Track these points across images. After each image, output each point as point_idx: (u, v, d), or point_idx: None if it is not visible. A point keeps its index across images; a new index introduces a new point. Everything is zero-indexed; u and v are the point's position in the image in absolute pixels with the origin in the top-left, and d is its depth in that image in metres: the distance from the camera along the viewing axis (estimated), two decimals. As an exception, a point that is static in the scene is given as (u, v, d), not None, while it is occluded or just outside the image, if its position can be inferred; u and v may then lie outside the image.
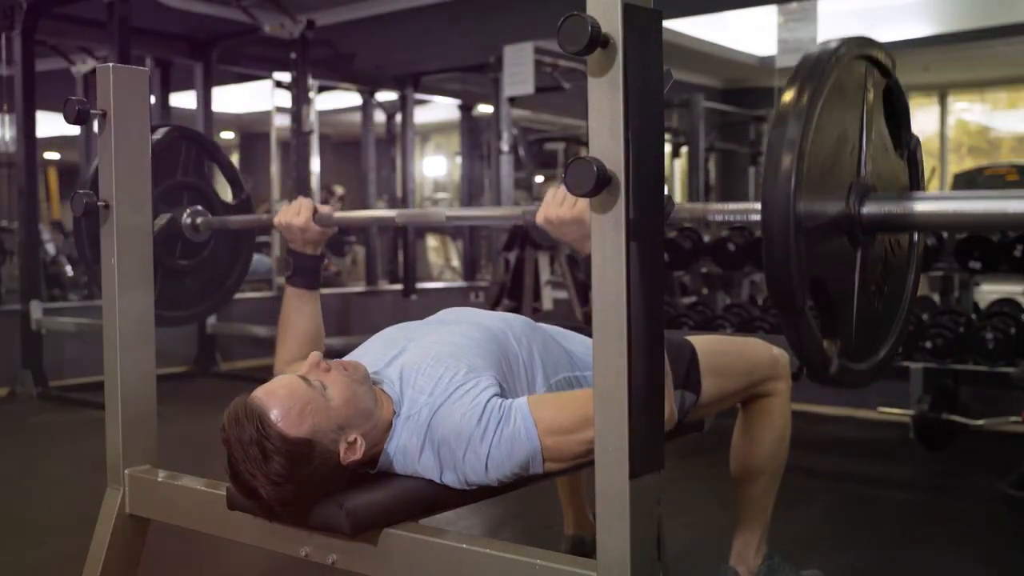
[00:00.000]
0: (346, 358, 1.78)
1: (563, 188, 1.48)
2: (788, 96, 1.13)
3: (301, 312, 1.98)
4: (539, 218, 1.52)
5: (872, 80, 1.25)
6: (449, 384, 1.58)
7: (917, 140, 1.36)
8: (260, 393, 1.52)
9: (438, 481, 1.59)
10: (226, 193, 2.35)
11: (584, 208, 1.38)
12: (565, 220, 1.48)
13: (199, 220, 2.11)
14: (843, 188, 1.20)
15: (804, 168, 1.11)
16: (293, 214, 1.92)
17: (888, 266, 1.32)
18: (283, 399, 1.50)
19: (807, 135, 1.11)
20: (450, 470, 1.56)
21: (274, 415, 1.48)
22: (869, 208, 1.21)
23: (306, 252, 1.96)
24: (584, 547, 2.37)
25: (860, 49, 1.21)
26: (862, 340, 1.27)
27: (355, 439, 1.53)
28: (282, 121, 7.42)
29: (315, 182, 7.27)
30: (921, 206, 1.19)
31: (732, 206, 1.37)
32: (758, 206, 1.20)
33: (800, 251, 1.11)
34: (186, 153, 2.12)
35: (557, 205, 1.49)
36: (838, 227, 1.20)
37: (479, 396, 1.56)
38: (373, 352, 1.75)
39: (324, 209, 1.90)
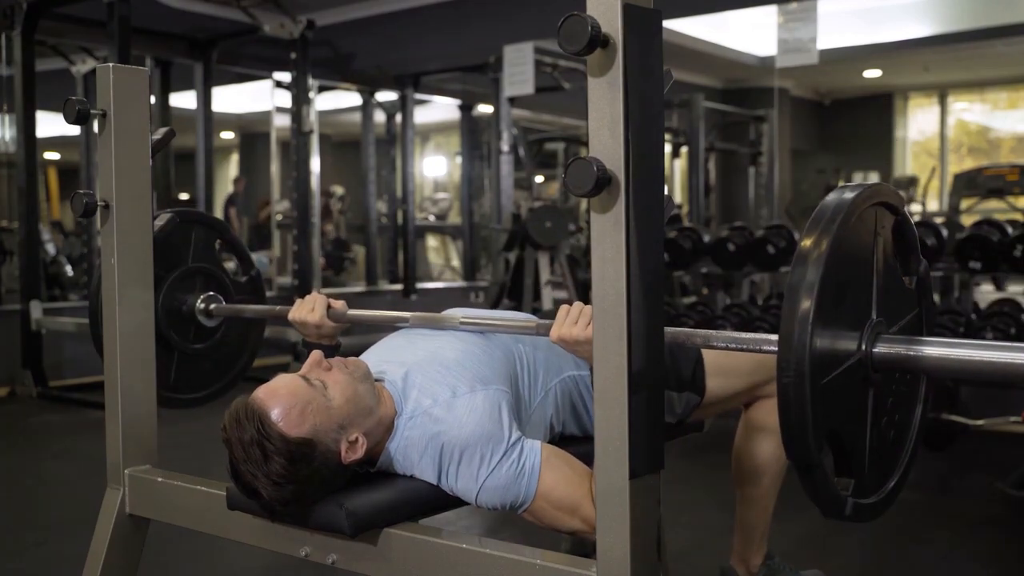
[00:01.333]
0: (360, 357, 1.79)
1: (577, 305, 1.51)
2: (807, 242, 1.19)
3: None
4: (552, 337, 1.52)
5: (883, 222, 1.31)
6: (456, 394, 1.58)
7: (926, 265, 1.41)
8: (261, 393, 1.52)
9: (435, 484, 1.59)
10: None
11: None
12: (579, 340, 1.49)
13: (212, 306, 2.14)
14: (856, 327, 1.25)
15: (822, 310, 1.17)
16: (307, 311, 1.91)
17: (897, 397, 1.36)
18: (284, 399, 1.49)
19: (824, 279, 1.17)
20: (445, 477, 1.57)
21: (275, 415, 1.48)
22: (881, 349, 1.26)
23: (321, 344, 1.96)
24: (584, 547, 2.36)
25: (873, 198, 1.27)
26: (873, 472, 1.32)
27: (356, 438, 1.53)
28: (282, 121, 7.42)
29: (315, 182, 7.27)
30: (930, 351, 1.24)
31: (746, 336, 1.39)
32: (773, 337, 1.27)
33: (816, 410, 1.16)
34: (195, 236, 2.15)
35: (571, 324, 1.50)
36: (851, 369, 1.24)
37: (494, 418, 1.56)
38: (378, 353, 1.75)
39: (337, 304, 1.90)
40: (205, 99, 6.80)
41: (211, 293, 2.16)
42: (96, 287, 2.00)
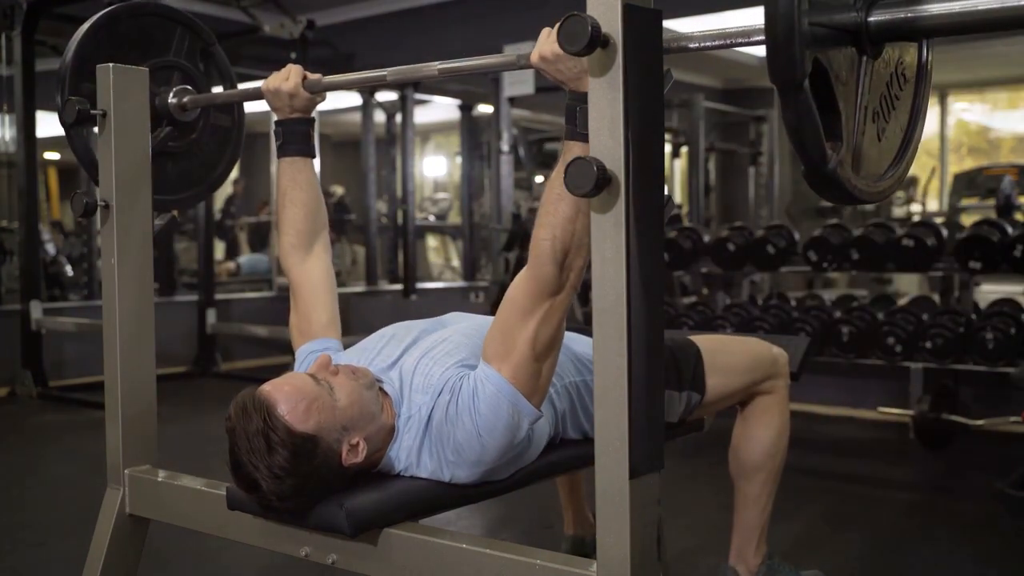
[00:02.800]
0: (347, 351, 1.79)
1: (556, 28, 1.44)
2: None
3: (297, 183, 1.94)
4: (534, 57, 1.47)
5: None
6: (440, 378, 1.59)
7: None
8: (268, 387, 1.53)
9: (444, 479, 1.59)
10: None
11: None
12: (560, 56, 1.40)
13: (186, 98, 2.07)
14: None
15: None
16: (282, 79, 1.90)
17: (893, 92, 1.29)
18: (291, 394, 1.50)
19: None
20: (452, 465, 1.56)
21: (281, 408, 1.48)
22: (877, 16, 1.18)
23: (293, 117, 1.93)
24: (584, 547, 2.36)
25: None
26: (866, 157, 1.23)
27: (358, 442, 1.54)
28: (282, 121, 7.39)
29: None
30: (929, 7, 1.16)
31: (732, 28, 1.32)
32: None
33: (803, 27, 1.07)
34: (179, 38, 2.10)
35: (552, 42, 1.42)
36: (845, 33, 1.16)
37: (457, 380, 1.56)
38: (375, 352, 1.75)
39: (313, 76, 1.90)
40: (205, 99, 6.79)
41: (186, 86, 2.08)
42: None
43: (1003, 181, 5.42)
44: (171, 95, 2.05)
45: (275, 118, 1.95)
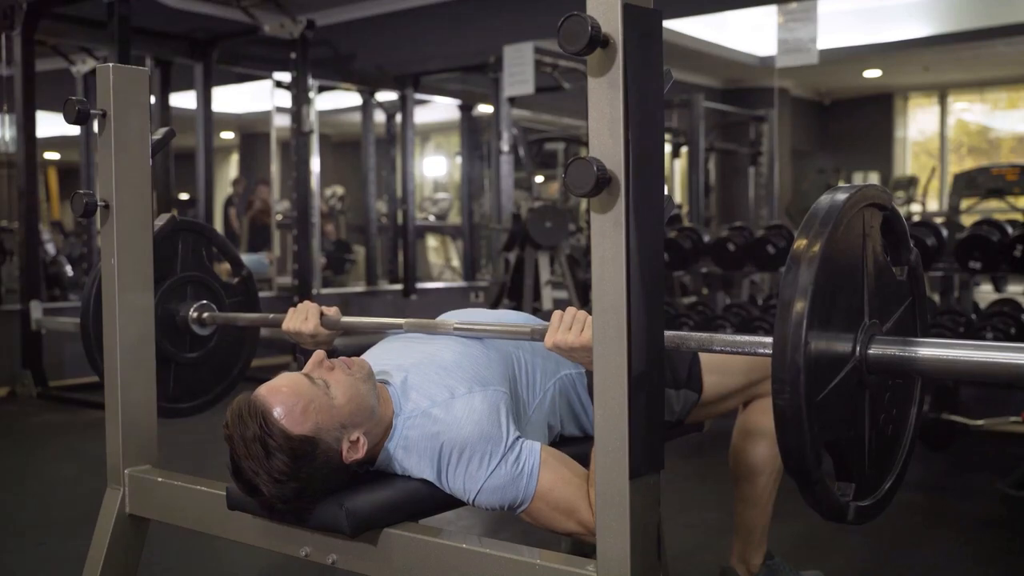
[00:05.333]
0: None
1: (571, 311, 1.50)
2: (800, 244, 1.20)
3: None
4: (547, 343, 1.53)
5: (872, 221, 1.32)
6: (455, 395, 1.58)
7: (917, 254, 1.43)
8: (263, 390, 1.52)
9: (434, 483, 1.59)
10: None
11: (591, 335, 1.33)
12: (574, 347, 1.49)
13: (205, 315, 2.15)
14: (849, 331, 1.26)
15: (814, 321, 1.17)
16: (300, 321, 1.91)
17: (893, 395, 1.37)
18: (287, 397, 1.50)
19: (818, 281, 1.18)
20: (444, 477, 1.57)
21: (277, 412, 1.48)
22: (875, 351, 1.27)
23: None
24: (584, 547, 2.36)
25: (864, 200, 1.28)
26: (872, 473, 1.34)
27: (358, 438, 1.53)
28: (282, 121, 7.41)
29: (315, 182, 7.27)
30: (924, 352, 1.25)
31: (741, 338, 1.40)
32: (767, 340, 1.26)
33: (813, 426, 1.17)
34: (183, 244, 2.15)
35: (565, 331, 1.50)
36: (847, 377, 1.25)
37: (493, 419, 1.56)
38: (375, 356, 1.75)
39: (330, 312, 1.91)
40: (205, 99, 6.80)
41: (203, 302, 2.16)
42: (88, 298, 2.00)
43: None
44: (192, 310, 2.14)
45: (299, 346, 1.98)
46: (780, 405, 1.16)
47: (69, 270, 7.54)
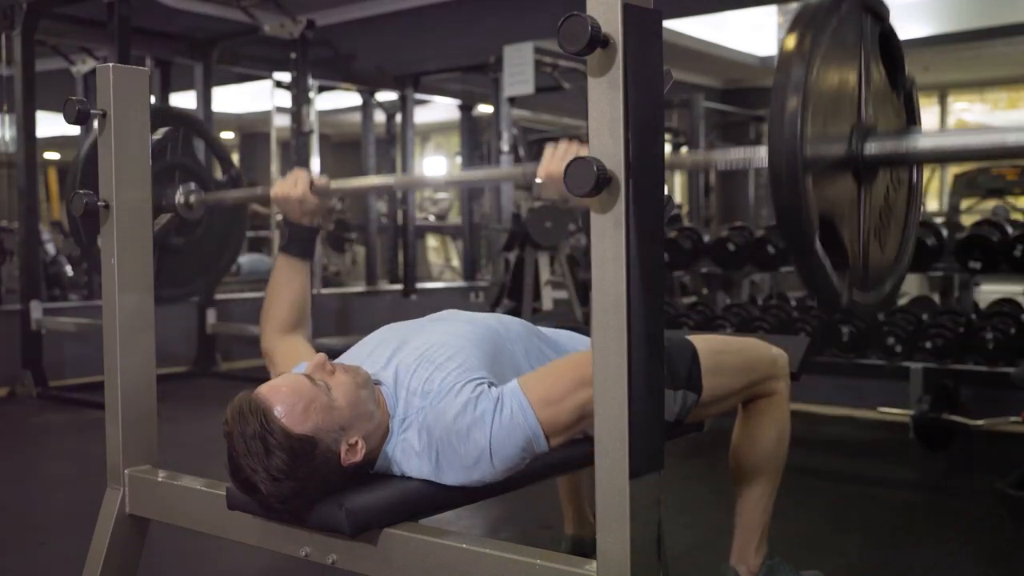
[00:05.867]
0: (340, 358, 1.79)
1: (563, 143, 1.47)
2: (790, 42, 1.17)
3: (291, 282, 1.99)
4: (540, 174, 1.50)
5: (869, 27, 1.30)
6: (442, 384, 1.58)
7: (913, 81, 1.42)
8: (265, 389, 1.52)
9: (438, 482, 1.58)
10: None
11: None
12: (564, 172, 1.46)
13: (192, 197, 2.11)
14: (846, 130, 1.25)
15: (809, 109, 1.15)
16: (290, 186, 1.92)
17: (890, 204, 1.37)
18: (288, 396, 1.50)
19: (811, 78, 1.15)
20: (452, 469, 1.56)
21: (278, 411, 1.48)
22: (871, 148, 1.26)
23: (302, 223, 1.97)
24: (584, 547, 2.37)
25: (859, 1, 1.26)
26: (869, 272, 1.32)
27: (356, 441, 1.54)
28: (282, 121, 7.42)
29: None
30: (922, 142, 1.25)
31: (735, 153, 1.38)
32: (762, 151, 1.24)
33: (808, 191, 1.15)
34: (173, 134, 2.13)
35: (558, 160, 1.47)
36: (842, 167, 1.24)
37: (473, 391, 1.56)
38: (367, 354, 1.75)
39: (320, 180, 1.91)
40: (205, 99, 6.80)
41: (191, 184, 2.13)
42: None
43: (997, 210, 5.44)
44: (179, 193, 2.11)
45: (285, 219, 1.97)
46: (775, 162, 1.14)
47: (69, 270, 7.54)
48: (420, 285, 8.33)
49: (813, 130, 1.17)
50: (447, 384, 1.58)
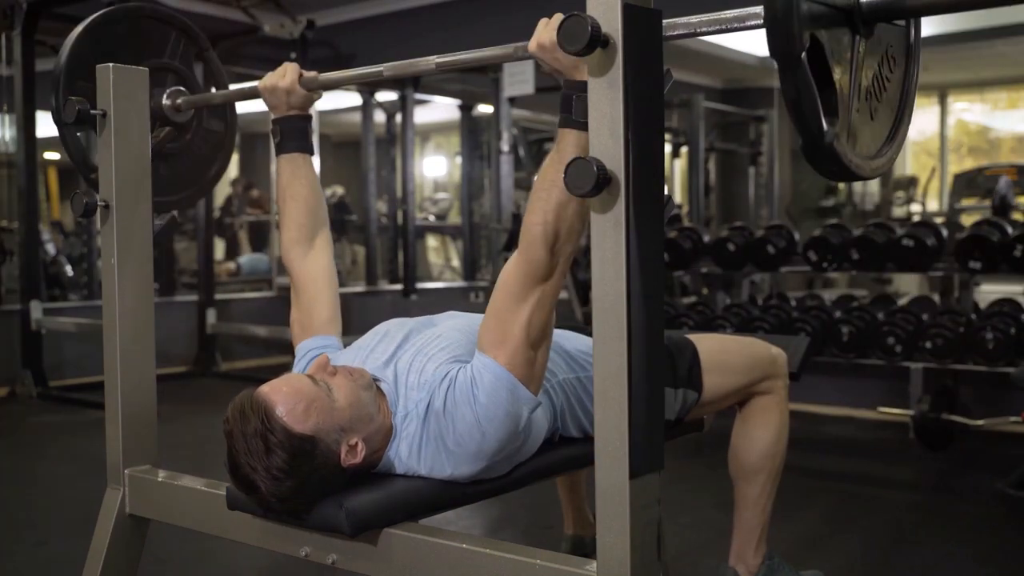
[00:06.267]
0: (344, 350, 1.78)
1: (556, 16, 1.41)
2: None
3: (297, 178, 1.97)
4: (531, 45, 1.47)
5: None
6: (435, 373, 1.59)
7: None
8: (266, 388, 1.52)
9: (446, 476, 1.58)
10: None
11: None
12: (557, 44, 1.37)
13: (180, 99, 2.08)
14: None
15: None
16: (278, 77, 1.92)
17: (884, 81, 1.34)
18: (289, 395, 1.50)
19: None
20: (454, 458, 1.56)
21: (279, 410, 1.48)
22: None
23: (290, 115, 1.94)
24: (584, 547, 2.36)
25: None
26: (860, 134, 1.27)
27: (356, 442, 1.54)
28: (282, 121, 7.40)
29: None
30: None
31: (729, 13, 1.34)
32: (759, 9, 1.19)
33: (800, 5, 1.11)
34: (174, 41, 2.11)
35: (551, 29, 1.43)
36: (839, 17, 1.21)
37: (456, 373, 1.56)
38: (370, 349, 1.74)
39: (309, 73, 1.91)
40: (205, 99, 6.79)
41: (179, 87, 2.10)
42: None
43: (999, 181, 5.44)
44: (165, 96, 2.06)
45: (273, 116, 1.95)
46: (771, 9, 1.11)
47: (69, 270, 7.53)
48: (420, 285, 8.33)
49: None
50: (440, 373, 1.58)
